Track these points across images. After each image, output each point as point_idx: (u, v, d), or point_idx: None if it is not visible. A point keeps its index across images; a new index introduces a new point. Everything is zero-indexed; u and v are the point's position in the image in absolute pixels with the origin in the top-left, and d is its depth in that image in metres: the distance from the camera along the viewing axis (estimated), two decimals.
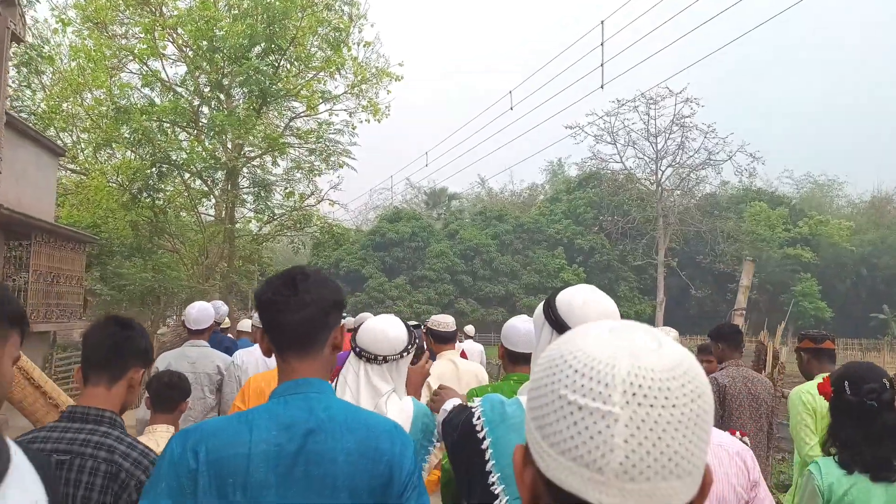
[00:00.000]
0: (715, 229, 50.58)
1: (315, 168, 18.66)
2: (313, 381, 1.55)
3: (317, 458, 1.45)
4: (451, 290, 48.42)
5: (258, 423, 1.46)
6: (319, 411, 1.51)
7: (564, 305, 1.75)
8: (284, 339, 1.58)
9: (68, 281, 9.41)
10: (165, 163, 12.71)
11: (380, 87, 20.62)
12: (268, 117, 19.51)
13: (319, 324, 1.59)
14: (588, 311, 1.70)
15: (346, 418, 1.53)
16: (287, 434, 1.46)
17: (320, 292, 1.59)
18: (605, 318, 1.70)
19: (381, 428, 1.57)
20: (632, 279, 52.49)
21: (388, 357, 2.27)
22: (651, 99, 49.86)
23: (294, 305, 1.55)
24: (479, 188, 69.82)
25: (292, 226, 15.77)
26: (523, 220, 53.20)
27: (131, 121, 12.16)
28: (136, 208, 13.05)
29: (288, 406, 1.51)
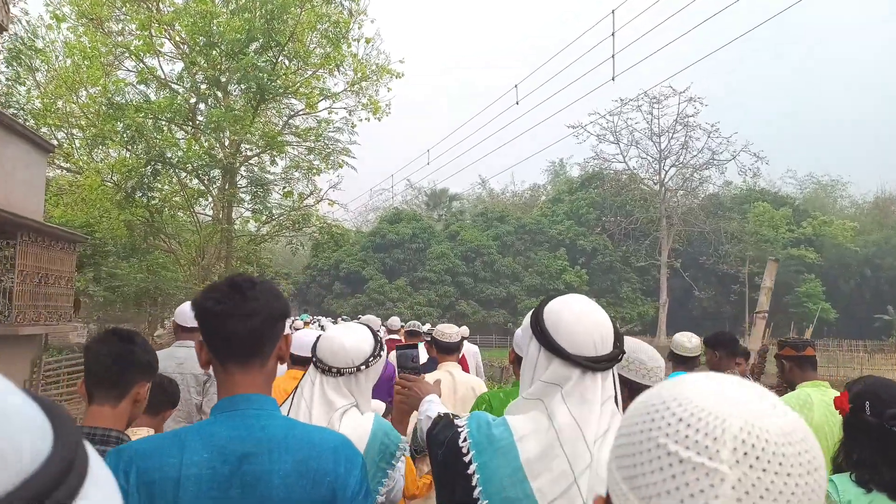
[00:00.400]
0: (718, 230, 50.27)
1: (314, 167, 18.32)
2: (253, 398, 1.46)
3: (252, 481, 1.38)
4: (452, 291, 48.05)
5: (190, 444, 1.39)
6: (257, 430, 1.43)
7: (553, 318, 1.60)
8: (230, 349, 1.48)
9: (58, 282, 9.04)
10: (160, 161, 12.31)
11: (380, 84, 20.28)
12: (266, 115, 19.17)
13: (267, 334, 1.49)
14: (578, 328, 1.55)
15: (285, 437, 1.44)
16: (221, 456, 1.39)
17: (269, 301, 1.49)
18: (597, 335, 1.51)
19: (324, 446, 1.48)
20: (634, 280, 52.13)
21: (342, 370, 2.08)
22: (654, 98, 49.66)
23: (242, 314, 1.44)
24: (480, 189, 69.52)
25: (291, 226, 15.37)
26: (525, 220, 52.83)
27: (125, 117, 11.78)
28: (130, 207, 12.65)
29: (224, 425, 1.43)
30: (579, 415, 1.47)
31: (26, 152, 8.35)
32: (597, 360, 1.51)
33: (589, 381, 1.50)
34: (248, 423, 1.43)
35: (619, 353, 1.57)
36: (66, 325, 9.44)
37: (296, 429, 1.49)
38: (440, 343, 4.26)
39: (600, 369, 1.52)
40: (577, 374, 1.50)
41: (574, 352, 1.51)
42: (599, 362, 1.51)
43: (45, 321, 8.75)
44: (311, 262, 54.17)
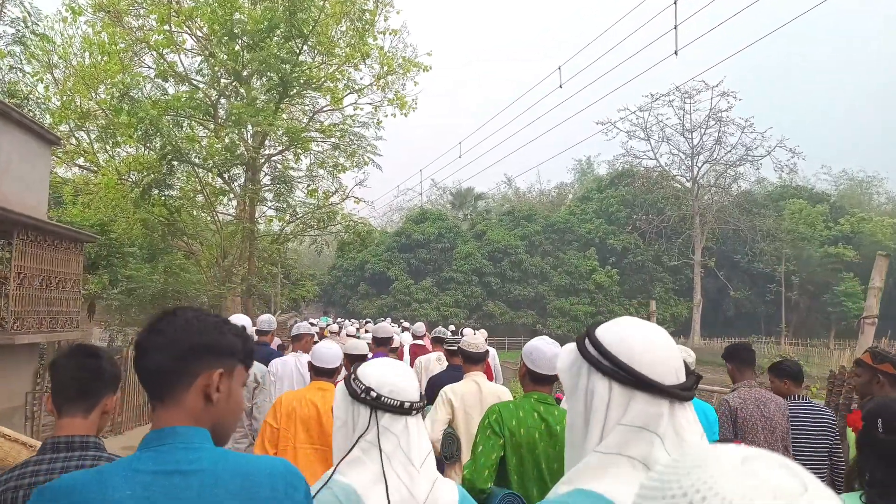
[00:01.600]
0: (753, 228, 48.73)
1: (339, 165, 17.52)
2: (180, 430, 1.36)
3: None
4: (479, 292, 47.09)
5: (113, 482, 1.30)
6: (184, 464, 1.33)
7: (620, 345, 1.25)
8: (144, 385, 1.43)
9: (62, 285, 8.30)
10: (177, 156, 11.55)
11: (407, 78, 19.44)
12: (290, 112, 18.43)
13: (172, 372, 1.38)
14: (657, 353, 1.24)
15: (215, 470, 1.34)
16: (145, 493, 1.29)
17: (178, 335, 1.38)
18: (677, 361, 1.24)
19: (261, 475, 1.38)
20: (667, 280, 50.73)
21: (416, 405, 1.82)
22: (686, 93, 48.26)
23: (145, 349, 1.40)
24: (505, 188, 68.54)
25: (315, 224, 14.55)
26: (553, 219, 51.67)
27: (139, 109, 11.05)
28: (146, 205, 11.92)
29: (149, 461, 1.34)
30: None
31: (24, 143, 7.59)
32: (683, 387, 1.22)
33: (680, 415, 1.20)
34: (176, 458, 1.34)
35: (698, 379, 1.31)
36: (74, 332, 8.70)
37: (228, 460, 1.38)
38: (468, 353, 4.20)
39: (688, 398, 1.23)
40: (667, 409, 1.20)
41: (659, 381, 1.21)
42: (688, 390, 1.23)
43: (48, 328, 8.00)
44: (337, 262, 53.58)
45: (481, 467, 2.79)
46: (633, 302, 49.23)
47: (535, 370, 2.94)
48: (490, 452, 2.81)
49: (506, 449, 2.84)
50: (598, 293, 47.88)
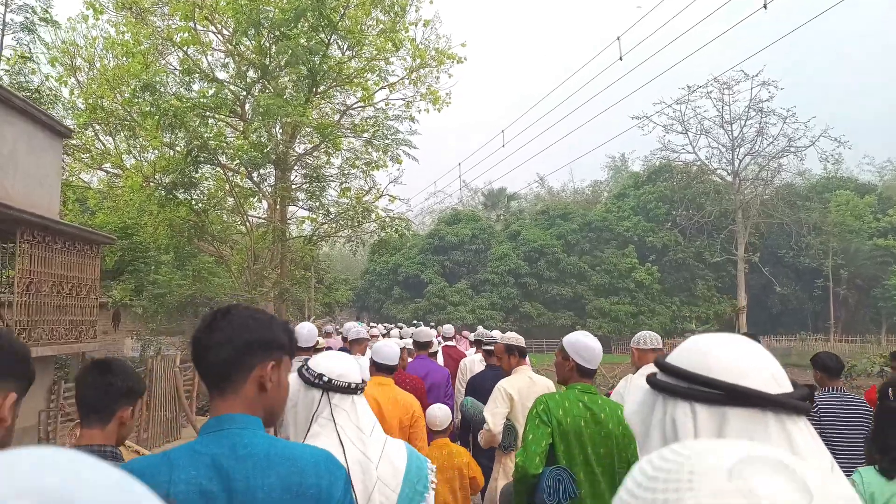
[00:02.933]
0: (798, 221, 46.83)
1: (373, 162, 16.71)
2: (236, 418, 1.54)
3: (239, 497, 1.46)
4: (515, 293, 45.96)
5: (179, 463, 1.47)
6: (240, 448, 1.50)
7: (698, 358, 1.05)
8: (205, 378, 1.58)
9: (77, 291, 7.53)
10: (202, 151, 10.73)
11: (440, 70, 18.55)
12: (320, 110, 17.67)
13: (233, 364, 1.55)
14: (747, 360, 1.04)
15: (267, 453, 1.52)
16: (207, 473, 1.46)
17: (235, 332, 1.56)
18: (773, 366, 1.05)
19: (307, 460, 1.56)
20: (709, 277, 49.05)
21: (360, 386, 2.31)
22: (724, 84, 46.58)
23: (207, 346, 1.55)
24: (538, 187, 67.29)
25: (349, 223, 13.69)
26: (590, 217, 50.29)
27: (160, 100, 10.27)
28: (171, 206, 11.13)
29: (209, 444, 1.52)
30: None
31: (29, 134, 6.83)
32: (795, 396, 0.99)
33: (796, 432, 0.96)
34: (233, 442, 1.50)
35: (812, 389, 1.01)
36: (91, 343, 7.92)
37: (277, 445, 1.55)
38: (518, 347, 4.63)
39: (804, 410, 0.98)
40: (775, 425, 0.97)
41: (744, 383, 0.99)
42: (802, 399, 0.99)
43: (61, 339, 7.22)
44: (369, 266, 52.98)
45: (532, 454, 2.95)
46: (675, 300, 47.70)
47: (584, 365, 3.13)
48: (540, 440, 2.97)
49: (554, 436, 3.00)
50: (638, 292, 46.45)
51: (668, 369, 1.07)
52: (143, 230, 12.29)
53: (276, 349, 1.60)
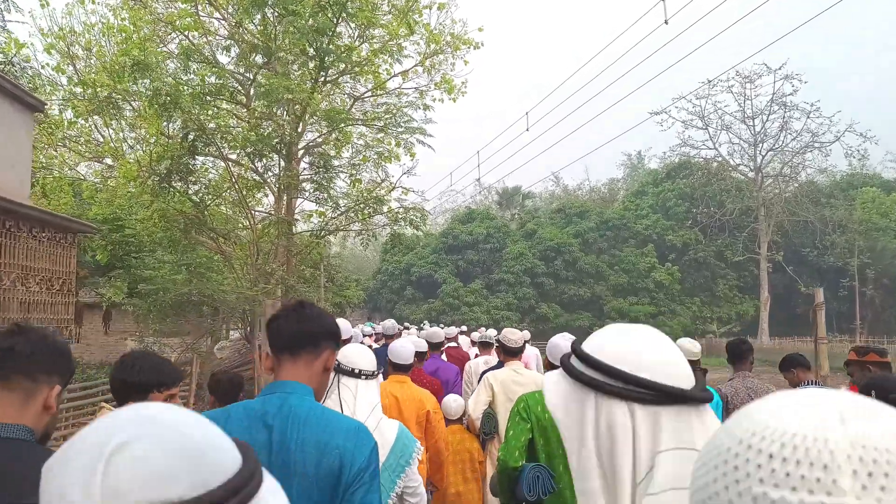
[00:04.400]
0: (823, 219, 45.41)
1: (385, 153, 15.73)
2: (291, 384, 1.83)
3: (278, 448, 1.72)
4: (532, 293, 44.81)
5: (234, 415, 1.78)
6: (285, 407, 1.78)
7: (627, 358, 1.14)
8: (283, 342, 1.89)
9: (48, 285, 6.55)
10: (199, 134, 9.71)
11: (456, 56, 17.50)
12: (329, 99, 16.68)
13: (313, 338, 1.90)
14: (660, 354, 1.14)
15: (307, 414, 1.78)
16: (257, 424, 1.75)
17: (319, 319, 1.95)
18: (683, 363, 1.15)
19: (339, 425, 1.81)
20: (731, 277, 47.69)
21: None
22: (746, 77, 45.31)
23: (296, 318, 1.90)
24: (553, 185, 66.16)
25: (358, 216, 12.66)
26: (607, 216, 49.05)
27: (152, 75, 9.28)
28: (164, 196, 10.12)
29: (262, 402, 1.81)
30: None
31: None
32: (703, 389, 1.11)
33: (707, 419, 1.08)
34: (281, 402, 1.79)
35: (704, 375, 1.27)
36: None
37: (317, 410, 1.81)
38: (505, 346, 4.77)
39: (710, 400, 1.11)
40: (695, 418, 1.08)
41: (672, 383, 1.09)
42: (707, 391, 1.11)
43: None
44: (382, 266, 52.03)
45: (512, 448, 3.13)
46: (696, 300, 46.40)
47: (555, 363, 3.50)
48: (519, 435, 3.15)
49: (533, 432, 3.16)
50: (658, 292, 45.16)
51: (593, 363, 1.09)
52: (136, 222, 11.37)
53: (336, 340, 2.00)
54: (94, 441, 0.65)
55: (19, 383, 1.64)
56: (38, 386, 1.66)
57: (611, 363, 1.10)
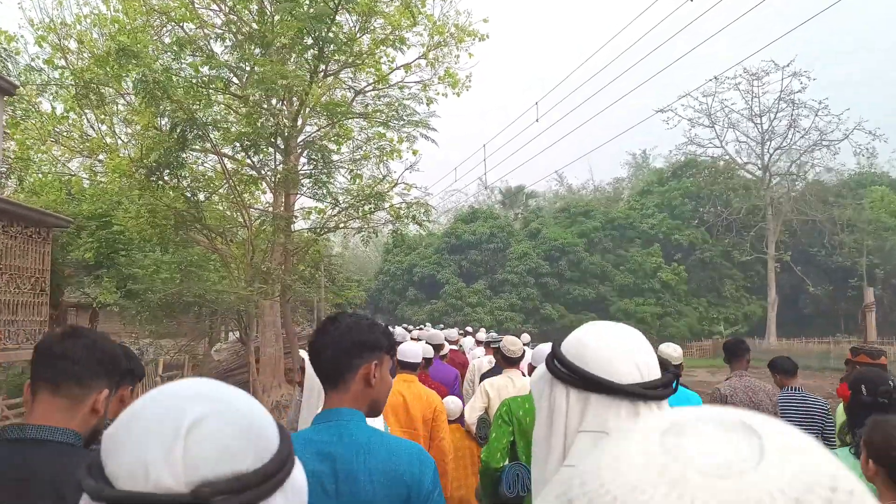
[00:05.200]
0: (832, 218, 44.72)
1: (386, 147, 15.15)
2: (343, 411, 1.85)
3: (344, 479, 1.74)
4: (536, 294, 44.17)
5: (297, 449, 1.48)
6: (346, 436, 1.79)
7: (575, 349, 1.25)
8: (321, 375, 1.91)
9: (16, 284, 5.95)
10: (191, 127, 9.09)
11: (460, 48, 16.91)
12: (331, 95, 16.09)
13: (342, 364, 1.86)
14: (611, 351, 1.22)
15: (368, 442, 1.79)
16: (317, 457, 1.74)
17: (343, 336, 1.88)
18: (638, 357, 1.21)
19: (402, 450, 1.84)
20: (738, 277, 47.03)
21: None
22: (754, 75, 44.62)
23: (320, 349, 1.88)
24: (556, 185, 65.56)
25: (359, 211, 12.02)
26: (612, 215, 48.40)
27: (139, 62, 8.66)
28: (153, 190, 9.47)
29: (320, 432, 1.82)
30: None
31: None
32: (647, 386, 1.17)
33: (645, 414, 1.15)
34: (340, 431, 1.79)
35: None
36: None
37: (376, 436, 1.83)
38: (505, 356, 4.83)
39: (654, 397, 1.17)
40: (627, 410, 1.16)
41: (614, 380, 1.17)
42: (652, 388, 1.17)
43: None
44: (384, 266, 51.46)
45: (494, 450, 3.33)
46: (702, 301, 45.74)
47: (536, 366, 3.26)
48: (501, 438, 3.34)
49: (514, 434, 3.35)
50: (664, 292, 44.50)
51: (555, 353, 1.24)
52: (125, 218, 10.77)
53: (377, 349, 1.91)
54: (166, 417, 0.70)
55: (69, 389, 1.67)
56: (86, 391, 1.69)
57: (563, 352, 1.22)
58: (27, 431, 1.61)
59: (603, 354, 1.19)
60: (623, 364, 1.18)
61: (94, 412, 1.70)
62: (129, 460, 0.69)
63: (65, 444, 1.62)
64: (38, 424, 1.62)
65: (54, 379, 1.66)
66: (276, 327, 13.34)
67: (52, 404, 1.65)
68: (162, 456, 0.68)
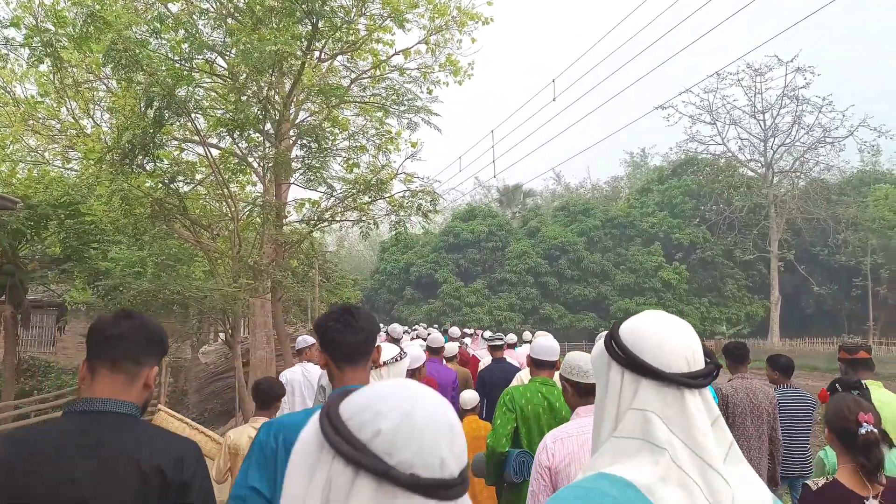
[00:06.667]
0: (836, 216, 43.96)
1: (385, 134, 14.20)
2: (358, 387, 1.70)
3: None
4: (535, 293, 43.26)
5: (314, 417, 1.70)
6: None
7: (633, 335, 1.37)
8: (341, 354, 2.23)
9: None
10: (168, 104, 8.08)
11: (463, 32, 15.97)
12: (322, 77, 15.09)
13: (367, 347, 2.25)
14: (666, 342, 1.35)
15: None
16: None
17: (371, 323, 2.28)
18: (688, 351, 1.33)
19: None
20: (739, 276, 46.24)
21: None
22: (757, 70, 43.82)
23: (352, 329, 2.21)
24: (554, 184, 64.78)
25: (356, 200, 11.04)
26: (612, 213, 47.53)
27: (109, 29, 7.69)
28: (127, 174, 8.45)
29: None
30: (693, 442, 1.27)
31: None
32: (692, 375, 1.30)
33: (690, 401, 1.29)
34: None
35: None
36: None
37: None
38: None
39: (697, 386, 1.30)
40: (673, 395, 1.29)
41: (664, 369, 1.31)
42: (695, 378, 1.31)
43: None
44: (380, 265, 50.49)
45: (499, 436, 3.64)
46: (704, 301, 44.89)
47: (535, 357, 3.84)
48: (506, 424, 3.66)
49: (517, 421, 3.68)
50: (665, 292, 43.64)
51: (614, 338, 1.35)
52: (97, 207, 9.79)
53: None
54: (441, 418, 0.89)
55: (125, 366, 1.87)
56: (140, 368, 1.89)
57: (620, 336, 1.34)
58: (94, 404, 1.81)
59: (655, 343, 1.30)
60: (673, 354, 1.29)
61: (146, 387, 1.91)
62: (427, 451, 0.86)
63: (126, 414, 1.83)
64: (103, 398, 1.82)
65: (113, 357, 1.86)
66: (267, 328, 12.34)
67: (111, 380, 1.84)
68: (447, 447, 0.87)
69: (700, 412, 1.27)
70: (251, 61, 8.49)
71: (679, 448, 1.24)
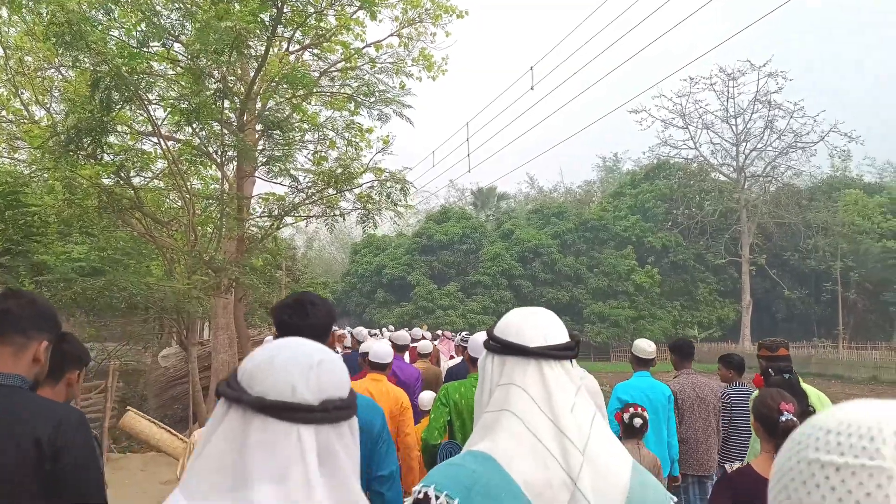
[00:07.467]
0: (807, 221, 44.32)
1: (355, 126, 13.66)
2: None
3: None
4: (509, 296, 42.85)
5: None
6: None
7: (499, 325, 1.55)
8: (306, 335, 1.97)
9: None
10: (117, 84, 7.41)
11: (437, 26, 15.47)
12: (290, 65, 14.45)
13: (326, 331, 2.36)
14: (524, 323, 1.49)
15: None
16: None
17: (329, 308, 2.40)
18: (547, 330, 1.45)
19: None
20: (711, 280, 46.35)
21: None
22: (730, 75, 44.04)
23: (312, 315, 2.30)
24: (528, 188, 64.60)
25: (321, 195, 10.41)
26: (586, 216, 47.39)
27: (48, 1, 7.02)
28: (71, 160, 7.75)
29: None
30: (550, 411, 1.35)
31: None
32: (548, 348, 1.41)
33: (548, 372, 1.39)
34: None
35: (575, 344, 1.46)
36: None
37: None
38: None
39: (554, 357, 1.40)
40: (533, 367, 1.40)
41: (524, 345, 1.43)
42: (552, 350, 1.41)
43: None
44: (351, 268, 49.72)
45: (433, 429, 3.80)
46: (675, 304, 44.90)
47: (473, 355, 3.99)
48: (439, 417, 3.83)
49: (451, 415, 3.85)
50: (637, 295, 43.54)
51: (488, 334, 1.51)
52: (38, 195, 9.09)
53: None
54: (302, 356, 1.01)
55: (13, 339, 1.92)
56: (29, 341, 1.95)
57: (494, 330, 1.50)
58: None
59: (516, 325, 1.45)
60: (532, 330, 1.42)
61: (35, 361, 1.96)
62: (280, 381, 0.96)
63: (14, 386, 1.87)
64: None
65: (1, 331, 1.91)
66: (230, 330, 11.66)
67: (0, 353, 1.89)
68: (302, 380, 0.97)
69: (558, 384, 1.36)
70: (208, 41, 7.86)
71: (536, 415, 1.32)
